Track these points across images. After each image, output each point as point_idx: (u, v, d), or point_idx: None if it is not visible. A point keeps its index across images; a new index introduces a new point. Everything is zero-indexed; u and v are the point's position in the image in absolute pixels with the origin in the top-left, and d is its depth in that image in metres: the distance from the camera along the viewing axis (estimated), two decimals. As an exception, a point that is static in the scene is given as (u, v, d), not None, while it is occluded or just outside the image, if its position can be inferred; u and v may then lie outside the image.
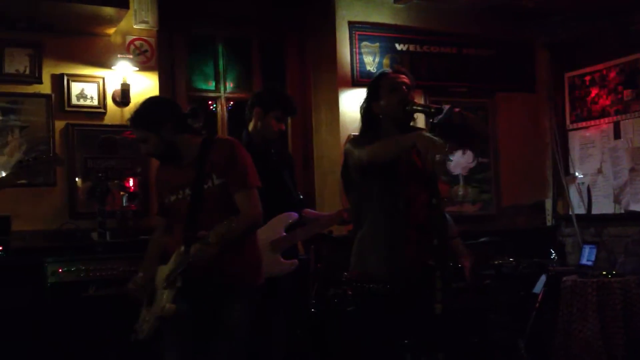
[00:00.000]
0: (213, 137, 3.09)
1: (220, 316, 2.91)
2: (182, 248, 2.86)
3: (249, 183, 2.94)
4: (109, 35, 4.81)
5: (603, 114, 5.63)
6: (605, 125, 5.61)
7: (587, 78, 5.76)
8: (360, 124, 3.01)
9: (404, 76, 2.95)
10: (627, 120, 5.44)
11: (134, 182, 4.77)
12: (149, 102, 3.06)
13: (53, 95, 4.67)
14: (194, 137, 3.01)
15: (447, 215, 3.13)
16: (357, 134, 3.06)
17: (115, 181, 4.67)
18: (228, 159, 2.92)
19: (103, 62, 4.78)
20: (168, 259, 2.96)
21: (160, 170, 3.14)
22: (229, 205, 2.89)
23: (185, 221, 2.90)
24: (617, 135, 5.53)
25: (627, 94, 5.44)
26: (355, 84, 5.32)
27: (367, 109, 2.98)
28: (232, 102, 5.49)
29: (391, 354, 2.85)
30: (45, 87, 4.67)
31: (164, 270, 2.94)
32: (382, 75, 3.01)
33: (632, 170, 5.41)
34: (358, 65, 5.38)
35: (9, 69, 4.58)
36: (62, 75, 4.69)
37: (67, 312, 4.02)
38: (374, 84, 2.99)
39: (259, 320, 3.03)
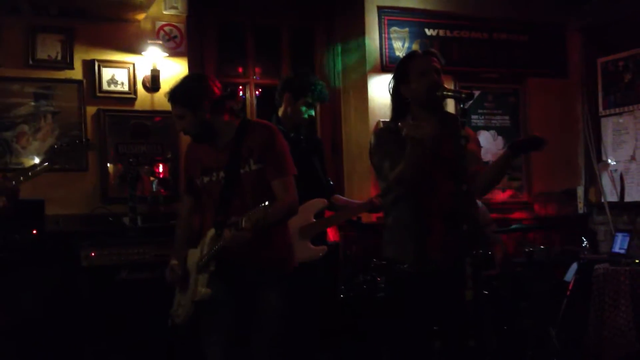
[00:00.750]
0: (251, 121, 3.05)
1: (257, 306, 2.90)
2: (213, 231, 2.86)
3: (286, 170, 2.93)
4: (139, 21, 4.82)
5: (637, 99, 5.52)
6: (639, 111, 5.52)
7: (621, 63, 5.66)
8: (391, 108, 2.94)
9: (434, 59, 2.87)
10: (661, 106, 5.36)
11: (163, 167, 4.80)
12: (189, 79, 3.01)
13: (84, 80, 4.71)
14: (231, 119, 2.97)
15: (480, 203, 3.09)
16: (386, 120, 3.02)
17: (146, 167, 4.71)
18: (267, 145, 2.90)
19: (133, 47, 4.80)
20: (197, 241, 2.96)
21: (193, 148, 3.07)
22: (265, 190, 2.86)
23: (218, 204, 2.89)
24: (650, 121, 5.45)
25: (662, 79, 5.35)
26: (384, 69, 5.27)
27: (395, 92, 2.90)
28: (260, 89, 5.48)
29: (421, 341, 2.85)
30: (77, 73, 4.71)
31: (195, 254, 2.94)
32: (411, 57, 2.92)
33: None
34: (387, 50, 5.33)
35: (41, 54, 4.63)
36: (93, 61, 4.73)
37: (100, 295, 4.08)
38: (403, 65, 2.90)
39: (291, 307, 3.03)
